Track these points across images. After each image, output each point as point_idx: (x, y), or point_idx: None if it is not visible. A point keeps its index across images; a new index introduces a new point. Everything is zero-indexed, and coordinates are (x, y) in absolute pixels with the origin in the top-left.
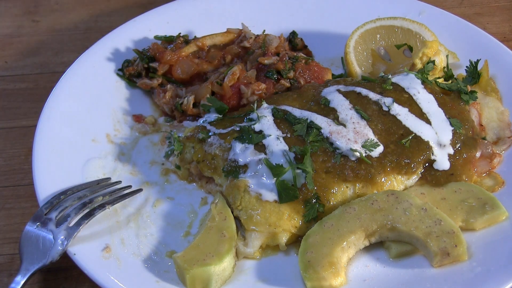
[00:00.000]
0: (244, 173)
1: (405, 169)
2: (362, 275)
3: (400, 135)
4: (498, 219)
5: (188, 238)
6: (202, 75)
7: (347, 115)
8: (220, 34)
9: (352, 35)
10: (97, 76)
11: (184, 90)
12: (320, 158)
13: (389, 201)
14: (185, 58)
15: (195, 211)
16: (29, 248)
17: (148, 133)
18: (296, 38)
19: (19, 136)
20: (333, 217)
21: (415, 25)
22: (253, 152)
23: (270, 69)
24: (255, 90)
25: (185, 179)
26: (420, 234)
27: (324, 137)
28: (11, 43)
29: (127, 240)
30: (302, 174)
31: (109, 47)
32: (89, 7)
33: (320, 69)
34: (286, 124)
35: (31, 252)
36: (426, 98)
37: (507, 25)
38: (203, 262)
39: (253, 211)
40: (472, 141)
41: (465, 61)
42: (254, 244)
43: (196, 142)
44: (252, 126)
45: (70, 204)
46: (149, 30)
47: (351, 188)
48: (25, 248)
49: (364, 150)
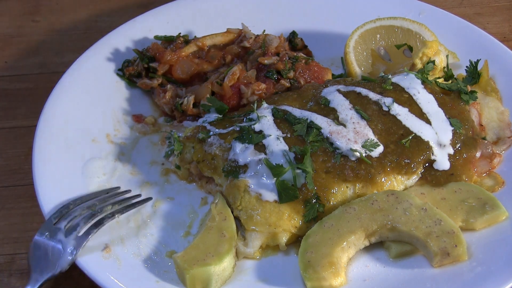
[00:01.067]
0: (244, 173)
1: (405, 169)
2: (362, 275)
3: (400, 135)
4: (498, 219)
5: (188, 238)
6: (202, 75)
7: (347, 115)
8: (220, 34)
9: (352, 35)
10: (97, 76)
11: (184, 90)
12: (320, 158)
13: (389, 201)
14: (185, 58)
15: (195, 211)
16: (38, 258)
17: (148, 133)
18: (296, 38)
19: (19, 136)
20: (333, 217)
21: (415, 25)
22: (253, 152)
23: (270, 69)
24: (255, 90)
25: (185, 179)
26: (420, 234)
27: (324, 137)
28: (11, 43)
29: (127, 240)
30: (302, 174)
31: (109, 47)
32: (89, 7)
33: (320, 69)
34: (286, 124)
35: (41, 262)
36: (426, 98)
37: (507, 25)
38: (203, 262)
39: (253, 211)
40: (472, 141)
41: (465, 61)
42: (254, 244)
43: (196, 142)
44: (252, 126)
45: (79, 214)
46: (149, 30)
47: (351, 188)
48: (35, 258)
49: (364, 150)
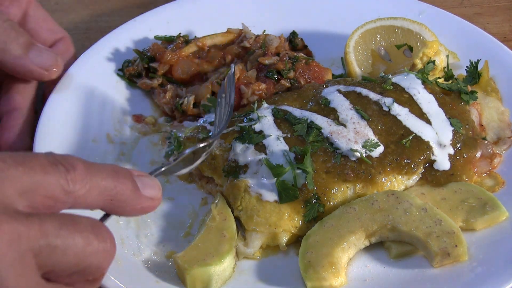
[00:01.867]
0: (244, 173)
1: (406, 169)
2: (362, 275)
3: (400, 135)
4: (498, 219)
5: (188, 238)
6: (202, 75)
7: (347, 115)
8: (220, 34)
9: (352, 35)
10: (97, 76)
11: (184, 90)
12: (320, 158)
13: (390, 201)
14: (185, 58)
15: (196, 211)
16: None
17: (148, 133)
18: (296, 38)
19: None
20: (334, 217)
21: (415, 25)
22: (253, 152)
23: (270, 69)
24: (255, 90)
25: (185, 179)
26: (421, 234)
27: (324, 137)
28: None
29: (127, 240)
30: (302, 174)
31: (109, 47)
32: (89, 7)
33: (321, 69)
34: (286, 124)
35: None
36: (427, 98)
37: (507, 25)
38: (203, 262)
39: (254, 211)
40: (472, 141)
41: (465, 61)
42: (255, 244)
43: (196, 142)
44: (253, 126)
45: None
46: (149, 30)
47: (351, 188)
48: None
49: (364, 150)
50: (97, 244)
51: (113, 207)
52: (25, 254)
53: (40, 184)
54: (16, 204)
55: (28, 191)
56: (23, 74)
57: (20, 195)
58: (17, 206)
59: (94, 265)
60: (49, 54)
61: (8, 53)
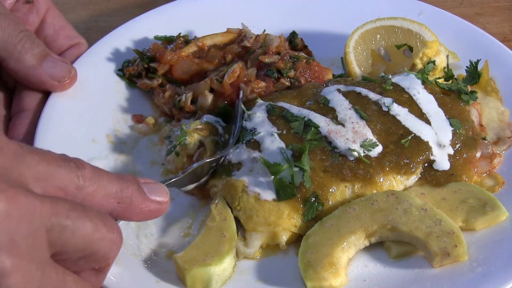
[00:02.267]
0: (238, 171)
1: (404, 169)
2: (362, 275)
3: (400, 135)
4: (498, 219)
5: (188, 238)
6: (202, 75)
7: (346, 115)
8: (220, 34)
9: (352, 35)
10: (97, 76)
11: (183, 89)
12: (318, 156)
13: (389, 201)
14: (185, 58)
15: (195, 211)
16: None
17: (148, 133)
18: (296, 38)
19: None
20: (333, 217)
21: (415, 25)
22: (246, 150)
23: (271, 67)
24: (255, 88)
25: (179, 168)
26: (420, 234)
27: (322, 135)
28: None
29: (127, 240)
30: (300, 172)
31: (109, 47)
32: (89, 7)
33: (321, 69)
34: (282, 121)
35: None
36: (426, 98)
37: (507, 25)
38: (203, 262)
39: (252, 211)
40: (472, 141)
41: (465, 61)
42: (255, 244)
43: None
44: (244, 124)
45: None
46: (149, 30)
47: (349, 188)
48: None
49: (363, 150)
50: (105, 231)
51: (121, 209)
52: (38, 228)
53: (54, 175)
54: (31, 186)
55: (43, 178)
56: (36, 84)
57: (36, 180)
58: (32, 188)
59: (101, 252)
60: (63, 66)
61: (22, 63)
